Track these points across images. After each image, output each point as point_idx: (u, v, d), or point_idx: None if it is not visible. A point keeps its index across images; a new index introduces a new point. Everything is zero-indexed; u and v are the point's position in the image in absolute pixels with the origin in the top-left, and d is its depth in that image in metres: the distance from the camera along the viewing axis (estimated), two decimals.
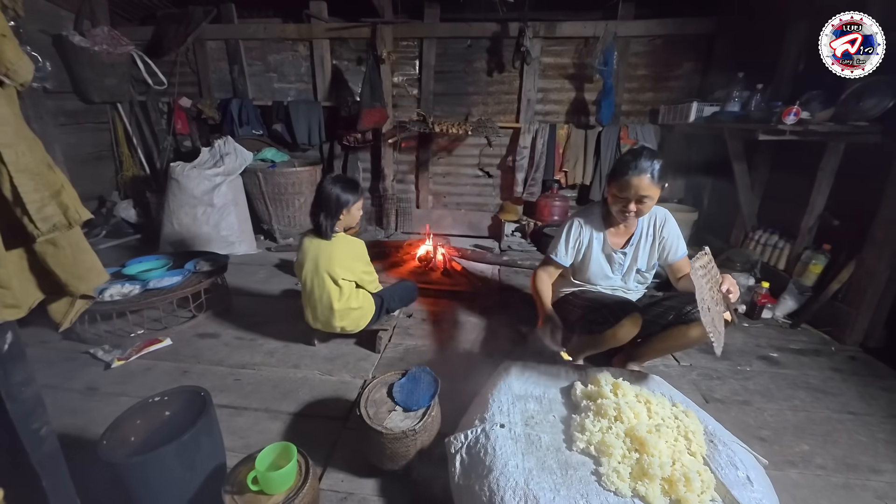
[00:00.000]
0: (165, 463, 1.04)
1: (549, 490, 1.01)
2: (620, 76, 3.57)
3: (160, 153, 4.08)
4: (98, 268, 0.82)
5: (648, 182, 1.47)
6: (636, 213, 1.54)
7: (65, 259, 0.76)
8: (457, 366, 1.96)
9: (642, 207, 1.53)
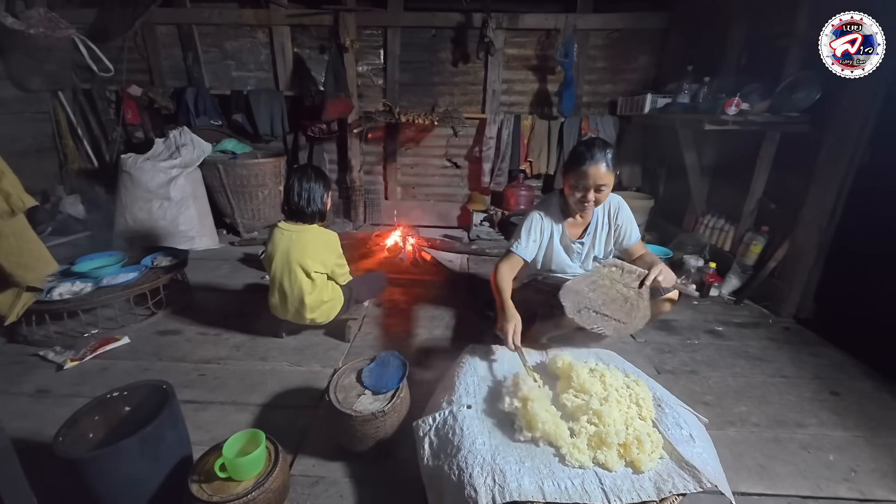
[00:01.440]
0: (128, 457, 1.02)
1: (514, 463, 1.07)
2: (581, 68, 3.68)
3: (109, 145, 3.84)
4: (46, 257, 0.79)
5: (605, 171, 1.53)
6: (595, 201, 1.59)
7: (8, 248, 0.74)
8: (426, 351, 2.00)
9: (600, 196, 1.58)
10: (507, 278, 1.71)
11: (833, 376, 1.91)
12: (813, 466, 1.43)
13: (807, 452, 1.48)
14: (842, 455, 1.47)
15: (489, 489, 0.99)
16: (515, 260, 1.74)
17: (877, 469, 1.42)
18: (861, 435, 1.56)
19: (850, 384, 1.86)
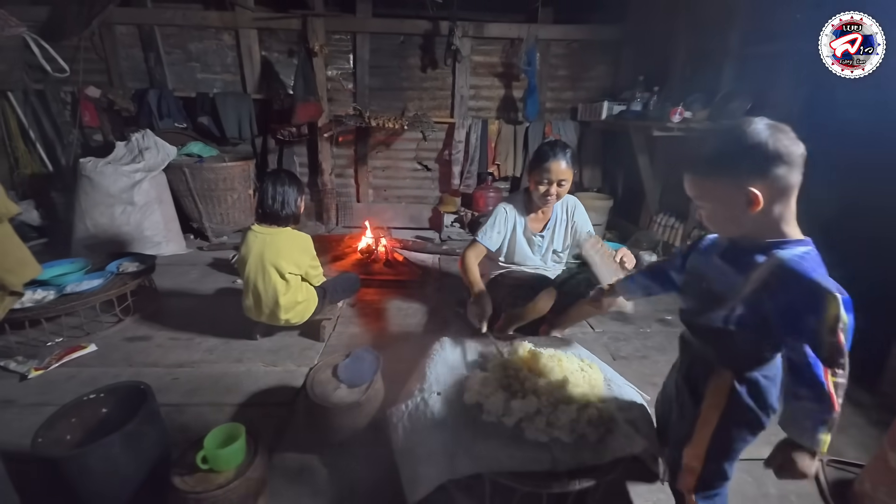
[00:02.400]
0: (110, 454, 1.06)
1: (479, 439, 1.17)
2: (543, 76, 3.87)
3: (64, 148, 3.69)
4: (30, 261, 0.83)
5: (565, 167, 1.73)
6: (556, 195, 1.77)
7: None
8: (399, 347, 2.09)
9: (561, 190, 1.78)
10: (473, 263, 1.87)
11: None
12: None
13: None
14: None
15: (457, 463, 1.09)
16: (479, 248, 1.90)
17: None
18: None
19: None
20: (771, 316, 0.79)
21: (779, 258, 0.79)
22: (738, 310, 0.85)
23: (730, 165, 0.80)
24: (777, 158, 0.77)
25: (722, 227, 0.89)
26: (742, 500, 1.35)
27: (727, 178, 0.81)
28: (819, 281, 0.74)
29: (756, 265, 0.81)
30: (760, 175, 0.78)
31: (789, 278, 0.76)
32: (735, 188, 0.80)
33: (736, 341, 0.87)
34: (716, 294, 0.90)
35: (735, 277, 0.85)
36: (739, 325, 0.85)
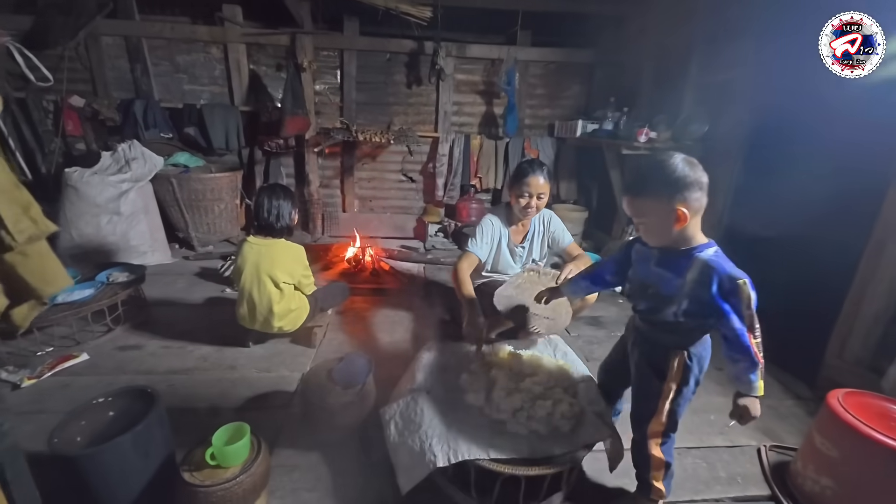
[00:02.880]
0: (122, 452, 1.14)
1: (467, 434, 1.30)
2: (522, 94, 4.09)
3: (45, 156, 3.66)
4: (63, 273, 0.92)
5: (543, 182, 1.91)
6: (536, 208, 1.95)
7: (33, 266, 0.87)
8: (388, 352, 2.21)
9: (540, 203, 1.95)
10: (466, 273, 1.96)
11: (720, 356, 2.35)
12: (698, 425, 1.81)
13: (694, 415, 1.87)
14: (720, 415, 1.87)
15: (445, 453, 1.22)
16: (472, 258, 2.00)
17: None
18: None
19: None
20: (708, 303, 1.02)
21: (702, 259, 1.04)
22: (684, 304, 1.08)
23: (662, 190, 1.03)
24: (695, 185, 1.02)
25: (655, 238, 1.12)
26: (696, 482, 1.52)
27: (660, 200, 1.04)
28: (732, 272, 1.01)
29: (685, 267, 1.05)
30: (684, 198, 1.01)
31: (713, 273, 1.01)
32: (666, 208, 1.03)
33: (684, 328, 1.12)
34: (663, 296, 1.12)
35: (675, 280, 1.08)
36: (687, 316, 1.09)
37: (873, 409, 1.34)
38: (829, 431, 1.36)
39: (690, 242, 1.07)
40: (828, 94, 2.16)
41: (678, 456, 1.63)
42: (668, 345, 1.16)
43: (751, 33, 2.50)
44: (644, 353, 1.25)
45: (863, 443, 1.25)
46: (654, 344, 1.21)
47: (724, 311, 1.01)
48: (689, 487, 1.50)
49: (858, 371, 1.86)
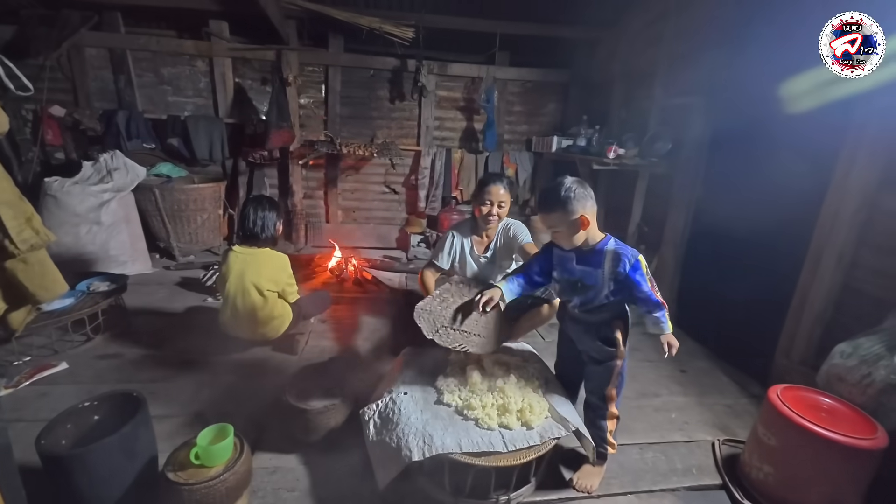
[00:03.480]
0: (110, 453, 1.18)
1: (440, 430, 1.40)
2: (501, 111, 4.28)
3: (22, 165, 3.62)
4: (60, 280, 0.99)
5: (503, 191, 2.06)
6: (498, 216, 2.08)
7: (33, 273, 0.93)
8: (368, 358, 2.28)
9: (501, 212, 2.09)
10: (431, 279, 2.20)
11: (684, 359, 2.51)
12: (660, 422, 1.94)
13: (657, 413, 2.00)
14: (680, 413, 2.01)
15: (420, 448, 1.31)
16: (434, 267, 2.23)
17: (701, 420, 1.97)
18: (695, 399, 2.13)
19: (694, 364, 2.47)
20: (623, 280, 1.34)
21: (610, 250, 1.36)
22: (611, 287, 1.37)
23: (567, 204, 1.33)
24: (588, 197, 1.35)
25: (568, 242, 1.41)
26: (655, 475, 1.64)
27: (566, 212, 1.34)
28: (633, 251, 1.36)
29: (601, 260, 1.36)
30: (583, 207, 1.33)
31: (622, 257, 1.34)
32: (571, 216, 1.33)
33: (614, 304, 1.42)
34: (591, 286, 1.41)
35: (596, 272, 1.38)
36: (614, 295, 1.39)
37: (807, 401, 1.49)
38: (769, 423, 1.50)
39: (595, 240, 1.39)
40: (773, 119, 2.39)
41: (640, 451, 1.76)
42: (606, 321, 1.45)
43: (706, 61, 2.73)
44: (591, 334, 1.49)
45: (796, 431, 1.39)
46: (597, 324, 1.47)
47: (636, 282, 1.34)
48: (648, 479, 1.61)
49: (803, 370, 2.02)
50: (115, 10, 3.58)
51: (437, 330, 1.52)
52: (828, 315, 1.97)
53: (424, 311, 1.58)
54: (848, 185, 1.84)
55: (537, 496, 1.51)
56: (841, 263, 1.89)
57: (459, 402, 1.51)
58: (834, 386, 1.58)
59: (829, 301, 1.95)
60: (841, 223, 1.87)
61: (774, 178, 2.44)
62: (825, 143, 1.97)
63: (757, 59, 2.42)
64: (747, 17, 2.49)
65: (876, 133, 1.76)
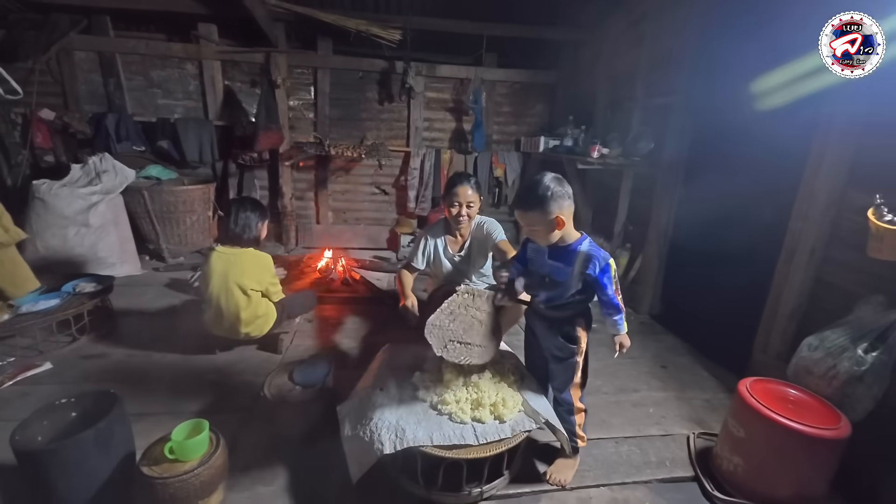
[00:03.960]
0: (84, 449, 1.20)
1: (413, 424, 1.42)
2: (490, 112, 4.32)
3: (12, 168, 3.63)
4: (31, 277, 1.01)
5: (471, 192, 2.09)
6: (468, 216, 2.12)
7: (3, 271, 0.95)
8: (353, 356, 2.30)
9: (471, 212, 2.12)
10: (409, 279, 2.24)
11: (665, 355, 2.55)
12: (638, 417, 1.97)
13: (635, 408, 2.03)
14: (658, 408, 2.04)
15: (392, 441, 1.33)
16: (411, 267, 2.28)
17: (679, 415, 2.00)
18: (674, 394, 2.16)
19: (675, 360, 2.50)
20: (590, 281, 1.38)
21: (583, 251, 1.37)
22: (574, 286, 1.41)
23: (544, 204, 1.32)
24: (565, 196, 1.34)
25: (542, 239, 1.42)
26: (629, 467, 1.66)
27: (543, 211, 1.33)
28: (605, 255, 1.37)
29: (573, 259, 1.38)
30: (559, 208, 1.32)
31: (594, 259, 1.36)
32: (548, 216, 1.33)
33: (577, 303, 1.45)
34: (558, 282, 1.43)
35: (566, 269, 1.40)
36: (579, 293, 1.43)
37: (775, 393, 1.52)
38: (738, 415, 1.53)
39: (570, 239, 1.40)
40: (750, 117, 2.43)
41: (615, 444, 1.79)
42: (569, 318, 1.48)
43: (685, 61, 2.77)
44: (554, 331, 1.52)
45: (763, 423, 1.42)
46: (560, 321, 1.50)
47: (602, 284, 1.37)
48: (622, 472, 1.64)
49: (779, 364, 2.05)
50: (104, 13, 3.60)
51: (446, 345, 1.52)
52: (801, 310, 2.00)
53: (434, 328, 1.53)
54: (818, 181, 1.88)
55: (511, 489, 1.53)
56: (813, 258, 1.93)
57: (434, 397, 1.54)
58: (802, 378, 1.61)
59: (802, 296, 1.98)
60: (812, 219, 1.90)
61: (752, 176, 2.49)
62: (798, 139, 2.01)
63: (733, 58, 2.46)
64: (724, 17, 2.54)
65: (843, 129, 1.79)
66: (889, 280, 1.59)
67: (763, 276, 2.22)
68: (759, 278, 2.26)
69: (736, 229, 2.57)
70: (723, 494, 1.51)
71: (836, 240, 1.85)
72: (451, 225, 2.20)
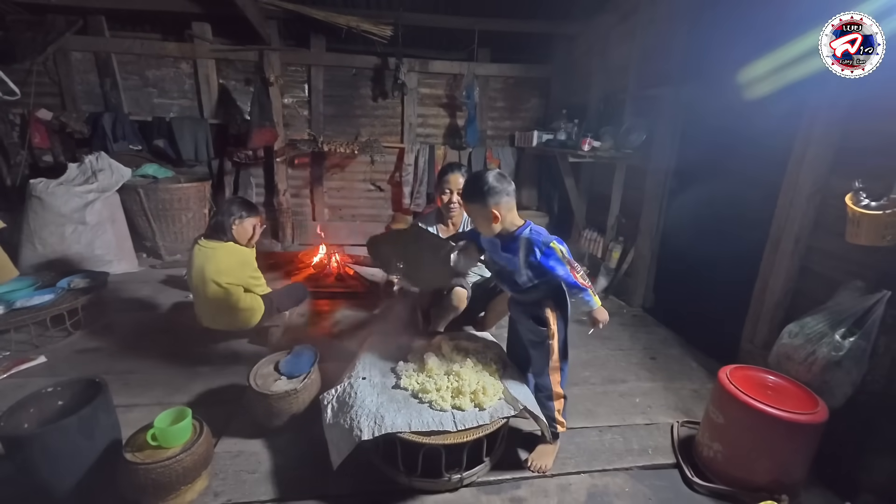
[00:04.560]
0: (68, 434, 1.23)
1: (393, 412, 1.44)
2: (484, 107, 4.32)
3: (11, 168, 3.69)
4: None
5: (462, 179, 2.10)
6: (458, 203, 2.13)
7: None
8: (343, 348, 2.32)
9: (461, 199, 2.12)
10: None
11: (656, 347, 2.55)
12: (623, 406, 1.98)
13: (622, 398, 2.03)
14: (645, 398, 2.04)
15: (370, 428, 1.35)
16: None
17: (665, 404, 2.00)
18: (661, 384, 2.16)
19: (666, 352, 2.50)
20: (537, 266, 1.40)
21: (524, 238, 1.42)
22: (529, 273, 1.45)
23: (482, 198, 1.40)
24: (503, 192, 1.41)
25: (484, 231, 1.50)
26: (610, 455, 1.68)
27: (482, 204, 1.41)
28: (545, 239, 1.40)
29: (518, 247, 1.43)
30: (496, 203, 1.40)
31: (533, 245, 1.40)
32: (486, 210, 1.40)
33: (540, 287, 1.48)
34: (512, 271, 1.48)
35: (514, 259, 1.45)
36: (535, 279, 1.46)
37: (754, 380, 1.53)
38: (718, 402, 1.53)
39: (512, 228, 1.45)
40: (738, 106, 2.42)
41: (599, 433, 1.80)
42: (537, 301, 1.52)
43: (675, 52, 2.76)
44: (526, 315, 1.57)
45: (740, 409, 1.42)
46: (530, 305, 1.55)
47: (549, 268, 1.38)
48: (603, 459, 1.65)
49: (765, 353, 2.04)
50: (99, 14, 3.64)
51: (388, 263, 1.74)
52: (787, 299, 2.00)
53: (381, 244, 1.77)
54: (803, 168, 1.87)
55: (492, 476, 1.54)
56: (798, 247, 1.92)
57: (416, 385, 1.56)
58: (783, 365, 1.61)
59: (788, 285, 1.98)
60: (797, 207, 1.90)
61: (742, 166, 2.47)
62: (786, 127, 2.00)
63: (721, 47, 2.45)
64: (713, 6, 2.53)
65: (829, 114, 1.78)
66: (870, 266, 1.58)
67: (753, 266, 2.22)
68: (749, 269, 2.25)
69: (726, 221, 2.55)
70: (702, 480, 1.52)
71: (821, 227, 1.85)
72: (443, 214, 2.22)
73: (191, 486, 1.35)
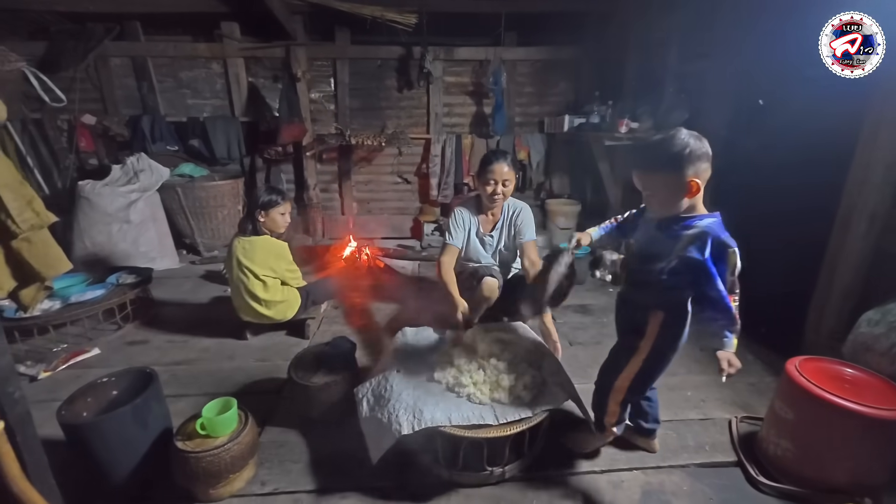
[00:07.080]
0: (123, 423, 1.27)
1: (431, 405, 1.40)
2: (511, 93, 4.19)
3: (61, 172, 3.89)
4: (63, 258, 1.06)
5: (507, 169, 1.99)
6: (503, 195, 2.02)
7: (37, 252, 1.00)
8: (377, 341, 2.32)
9: (506, 190, 2.02)
10: (449, 268, 2.04)
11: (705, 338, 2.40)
12: (675, 401, 1.86)
13: (672, 392, 1.92)
14: (697, 392, 1.93)
15: (410, 422, 1.31)
16: (451, 250, 2.10)
17: (720, 399, 1.88)
18: (714, 377, 2.02)
19: None
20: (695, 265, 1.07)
21: (701, 226, 1.09)
22: (673, 263, 1.11)
23: (678, 164, 1.07)
24: (704, 157, 1.07)
25: (665, 209, 1.15)
26: (664, 451, 1.58)
27: (673, 174, 1.08)
28: (726, 239, 1.07)
29: (684, 230, 1.11)
30: (695, 170, 1.07)
31: (708, 238, 1.06)
32: (679, 181, 1.07)
33: (664, 286, 1.15)
34: (653, 254, 1.18)
35: (668, 242, 1.13)
36: (671, 274, 1.12)
37: (828, 373, 1.39)
38: (786, 396, 1.41)
39: (693, 211, 1.13)
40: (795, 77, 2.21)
41: None
42: (647, 305, 1.23)
43: (722, 23, 2.56)
44: (626, 315, 1.36)
45: (813, 403, 1.30)
46: (636, 305, 1.29)
47: (712, 275, 1.06)
48: (656, 455, 1.56)
49: (833, 344, 1.88)
50: (134, 19, 3.76)
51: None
52: (858, 285, 1.82)
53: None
54: (878, 138, 1.68)
55: (535, 471, 1.49)
56: (873, 227, 1.74)
57: (451, 379, 1.51)
58: (861, 356, 1.47)
59: (859, 269, 1.80)
60: (872, 181, 1.72)
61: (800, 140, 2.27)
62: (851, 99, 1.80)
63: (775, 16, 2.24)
64: None
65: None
66: None
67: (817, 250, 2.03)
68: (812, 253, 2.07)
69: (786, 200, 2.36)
70: (768, 480, 1.41)
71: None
72: (483, 204, 2.12)
73: (239, 474, 1.37)
